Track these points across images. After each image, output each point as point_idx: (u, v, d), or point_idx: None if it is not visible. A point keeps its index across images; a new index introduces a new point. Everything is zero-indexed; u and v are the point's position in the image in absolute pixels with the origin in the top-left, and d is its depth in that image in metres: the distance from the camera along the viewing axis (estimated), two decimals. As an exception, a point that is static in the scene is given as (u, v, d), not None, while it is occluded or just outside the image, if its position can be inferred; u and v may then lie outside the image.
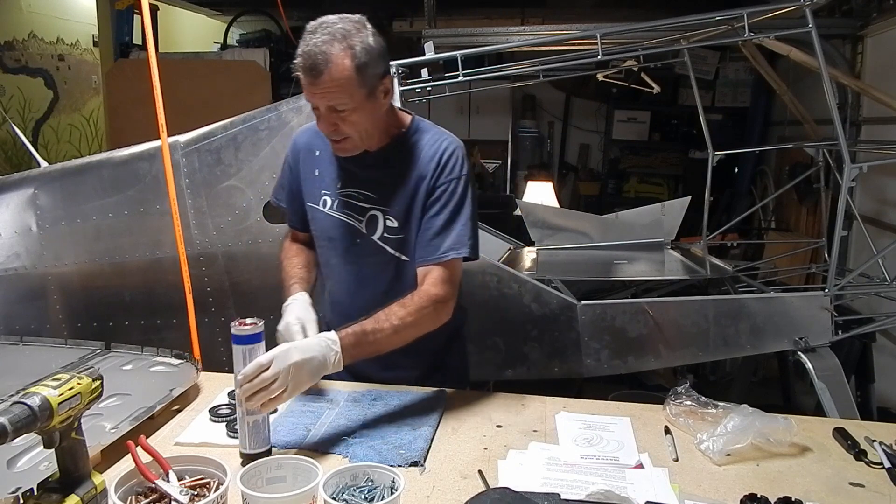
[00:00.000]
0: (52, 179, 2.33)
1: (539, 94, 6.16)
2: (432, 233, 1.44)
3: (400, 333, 1.36)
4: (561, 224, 3.15)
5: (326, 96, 1.31)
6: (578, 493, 1.09)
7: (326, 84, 1.29)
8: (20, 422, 0.85)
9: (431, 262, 1.43)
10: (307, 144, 1.56)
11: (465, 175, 1.47)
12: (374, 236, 1.49)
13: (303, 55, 1.29)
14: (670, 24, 2.56)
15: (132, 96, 3.80)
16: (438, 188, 1.44)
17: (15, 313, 2.28)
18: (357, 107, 1.34)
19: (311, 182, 1.55)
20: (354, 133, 1.38)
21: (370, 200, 1.49)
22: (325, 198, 1.52)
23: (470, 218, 1.46)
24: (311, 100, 1.34)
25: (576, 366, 2.24)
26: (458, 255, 1.44)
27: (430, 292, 1.41)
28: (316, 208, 1.54)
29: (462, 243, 1.44)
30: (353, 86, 1.31)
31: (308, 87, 1.31)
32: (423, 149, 1.47)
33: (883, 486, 1.16)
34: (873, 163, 2.43)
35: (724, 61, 5.57)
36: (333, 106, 1.33)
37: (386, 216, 1.48)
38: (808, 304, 2.22)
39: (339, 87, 1.30)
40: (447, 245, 1.43)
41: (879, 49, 3.53)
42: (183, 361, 1.60)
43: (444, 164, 1.45)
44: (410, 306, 1.38)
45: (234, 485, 0.97)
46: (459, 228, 1.44)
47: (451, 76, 2.53)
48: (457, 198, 1.45)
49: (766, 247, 4.21)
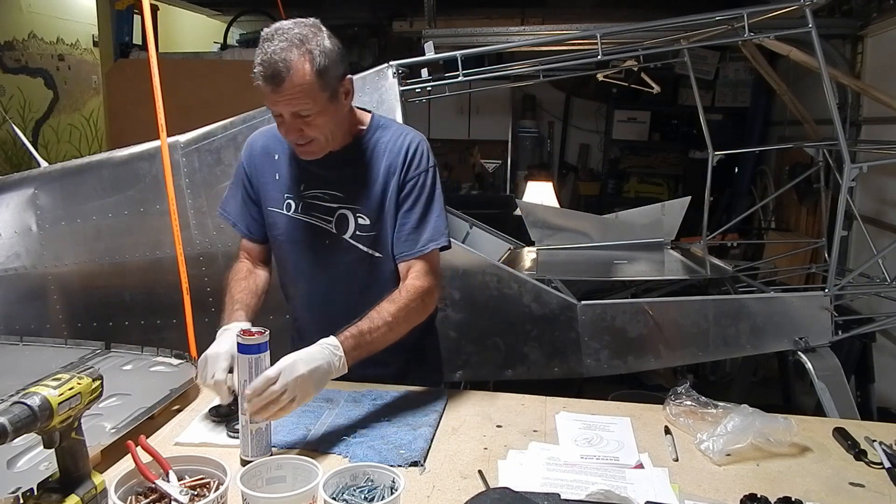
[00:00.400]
0: (52, 179, 2.33)
1: (539, 94, 6.16)
2: (410, 227, 1.48)
3: (394, 330, 1.39)
4: (561, 224, 3.15)
5: (290, 103, 1.31)
6: (578, 493, 1.09)
7: (288, 91, 1.29)
8: (20, 422, 0.85)
9: (413, 257, 1.47)
10: (264, 148, 1.55)
11: (433, 167, 1.51)
12: (345, 235, 1.49)
13: (262, 63, 1.28)
14: (670, 24, 2.56)
15: (132, 96, 3.80)
16: (408, 182, 1.47)
17: (15, 313, 2.28)
18: (321, 110, 1.34)
19: (271, 186, 1.53)
20: (320, 136, 1.38)
21: (337, 200, 1.49)
22: (288, 201, 1.51)
23: (442, 208, 1.51)
24: (274, 108, 1.34)
25: (576, 366, 2.24)
26: (438, 246, 1.48)
27: (415, 285, 1.44)
28: (278, 212, 1.52)
29: (440, 233, 1.49)
30: (315, 90, 1.31)
31: (270, 94, 1.31)
32: (388, 145, 1.49)
33: (883, 486, 1.16)
34: (873, 163, 2.43)
35: (724, 61, 5.57)
36: (297, 112, 1.33)
37: (357, 214, 1.48)
38: (808, 304, 2.22)
39: (301, 92, 1.30)
40: (426, 238, 1.47)
41: (879, 49, 3.53)
42: (183, 361, 1.60)
43: (411, 158, 1.48)
44: (400, 301, 1.41)
45: (234, 485, 0.97)
46: (435, 220, 1.49)
47: (451, 76, 2.53)
48: (427, 190, 1.48)
49: (766, 247, 4.21)
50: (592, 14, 5.27)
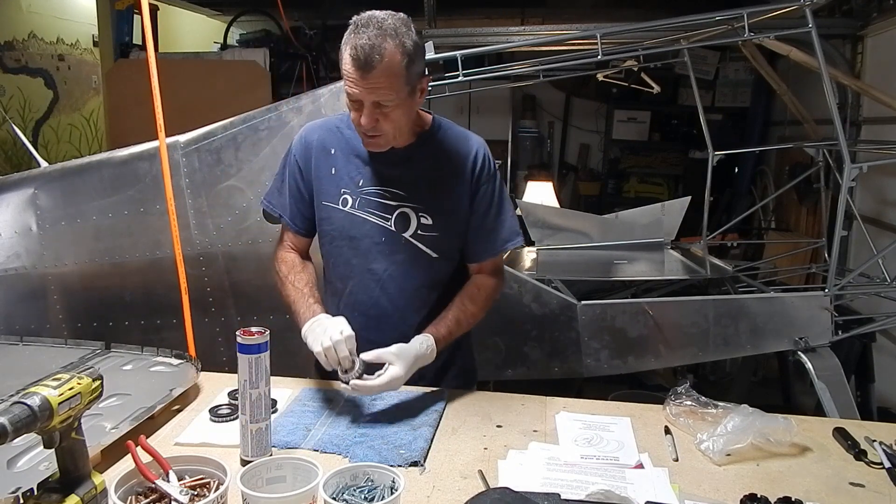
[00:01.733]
0: (52, 179, 2.33)
1: (539, 94, 6.16)
2: (487, 229, 1.53)
3: (469, 328, 1.53)
4: (561, 224, 3.15)
5: (375, 91, 1.32)
6: (578, 493, 1.09)
7: (377, 78, 1.30)
8: (20, 422, 0.84)
9: (489, 258, 1.56)
10: (320, 142, 1.53)
11: (497, 170, 1.57)
12: (405, 234, 1.49)
13: (356, 48, 1.28)
14: (670, 24, 2.56)
15: (132, 96, 3.80)
16: (482, 188, 1.51)
17: (15, 313, 2.27)
18: (399, 103, 1.35)
19: (327, 180, 1.51)
20: (391, 129, 1.39)
21: (399, 198, 1.48)
22: (344, 196, 1.50)
23: (513, 208, 1.60)
24: (357, 94, 1.33)
25: (576, 366, 2.24)
26: (515, 245, 1.57)
27: (489, 284, 1.55)
28: (334, 207, 1.51)
29: (515, 233, 1.57)
30: (400, 82, 1.32)
31: (357, 80, 1.31)
32: (452, 147, 1.51)
33: (883, 486, 1.16)
34: (873, 163, 2.43)
35: (724, 61, 5.57)
36: (379, 101, 1.33)
37: (419, 214, 1.48)
38: (808, 304, 2.23)
39: (388, 82, 1.31)
40: (503, 238, 1.55)
41: (879, 49, 3.53)
42: (183, 361, 1.60)
43: (481, 164, 1.52)
44: (480, 301, 1.52)
45: (234, 485, 0.97)
46: (510, 220, 1.56)
47: (451, 76, 2.53)
48: (498, 193, 1.54)
49: (766, 247, 4.21)
50: (592, 14, 5.27)
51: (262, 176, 2.22)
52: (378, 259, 1.50)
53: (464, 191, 1.50)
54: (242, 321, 2.20)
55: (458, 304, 1.49)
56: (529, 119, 6.26)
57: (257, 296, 2.22)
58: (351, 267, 1.53)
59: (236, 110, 2.30)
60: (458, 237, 1.53)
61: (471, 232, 1.53)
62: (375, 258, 1.50)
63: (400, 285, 1.51)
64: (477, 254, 1.55)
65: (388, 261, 1.50)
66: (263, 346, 1.18)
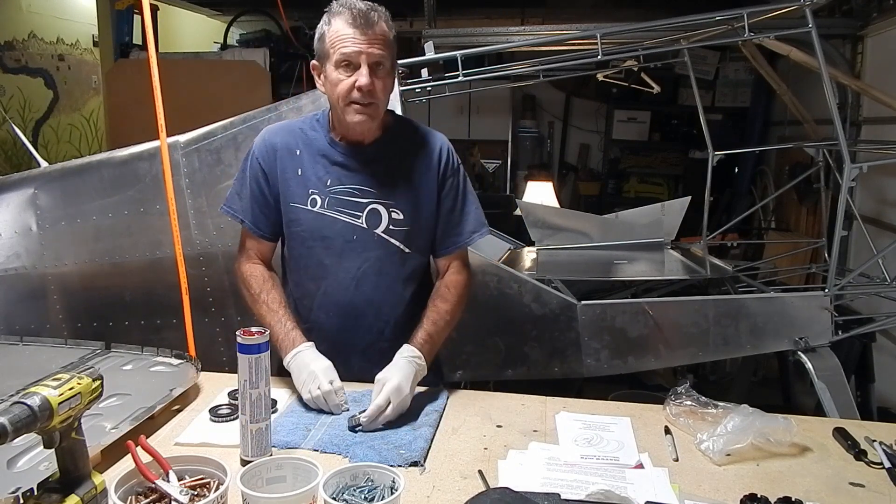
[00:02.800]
0: (52, 179, 2.33)
1: (539, 94, 6.16)
2: (454, 223, 1.57)
3: (450, 326, 1.52)
4: (561, 224, 3.15)
5: (375, 46, 1.37)
6: (578, 493, 1.09)
7: (377, 35, 1.36)
8: (20, 422, 0.84)
9: (457, 250, 1.58)
10: (284, 144, 1.53)
11: (461, 163, 1.61)
12: (377, 230, 1.50)
13: (350, 9, 1.35)
14: (670, 24, 2.56)
15: (132, 96, 3.80)
16: (447, 181, 1.56)
17: (15, 313, 2.27)
18: (389, 72, 1.41)
19: (294, 182, 1.51)
20: (383, 97, 1.43)
21: (369, 195, 1.49)
22: (313, 196, 1.50)
23: (477, 200, 1.61)
24: (356, 53, 1.37)
25: (576, 366, 2.24)
26: (481, 236, 1.58)
27: (459, 280, 1.56)
28: (303, 208, 1.51)
29: (480, 223, 1.59)
30: (391, 50, 1.40)
31: (357, 39, 1.36)
32: (418, 143, 1.54)
33: (883, 486, 1.16)
34: (873, 163, 2.43)
35: (724, 61, 5.57)
36: (377, 62, 1.38)
37: (390, 209, 1.49)
38: (808, 304, 2.22)
39: (384, 42, 1.38)
40: (469, 230, 1.57)
41: (879, 49, 3.53)
42: (183, 361, 1.60)
43: (446, 158, 1.56)
44: (452, 300, 1.53)
45: (234, 485, 0.97)
46: (475, 212, 1.59)
47: (451, 76, 2.53)
48: (462, 185, 1.58)
49: (766, 247, 4.21)
50: (592, 14, 5.27)
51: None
52: (351, 257, 1.51)
53: (432, 185, 1.53)
54: (242, 321, 2.19)
55: (431, 307, 1.52)
56: (529, 119, 6.26)
57: (257, 296, 2.21)
58: (324, 267, 1.53)
59: (236, 110, 2.30)
60: (429, 231, 1.56)
61: (438, 225, 1.56)
62: (348, 256, 1.51)
63: (374, 282, 1.52)
64: (445, 247, 1.58)
65: (360, 258, 1.51)
66: (263, 346, 1.18)
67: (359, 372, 1.52)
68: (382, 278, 1.52)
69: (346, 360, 1.50)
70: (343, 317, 1.52)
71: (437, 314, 1.49)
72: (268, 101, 4.01)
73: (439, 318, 1.49)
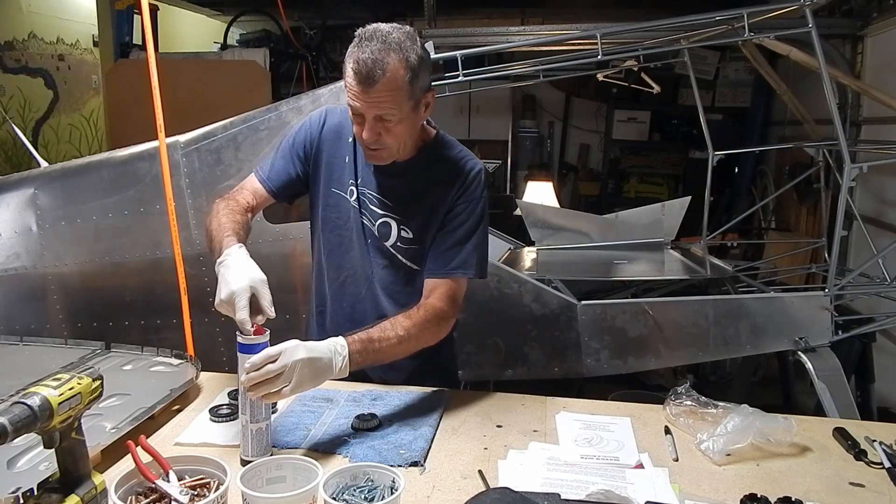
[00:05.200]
0: (52, 179, 2.33)
1: (539, 94, 6.16)
2: (445, 248, 1.47)
3: (403, 344, 1.36)
4: (561, 224, 3.15)
5: (377, 106, 1.29)
6: (578, 493, 1.09)
7: (380, 93, 1.27)
8: (20, 422, 0.84)
9: (439, 276, 1.46)
10: (340, 126, 1.51)
11: (484, 198, 1.50)
12: (386, 242, 1.49)
13: (358, 62, 1.26)
14: (670, 24, 2.56)
15: (132, 96, 3.79)
16: (458, 206, 1.47)
17: (15, 313, 2.27)
18: (403, 118, 1.33)
19: (339, 168, 1.50)
20: (394, 143, 1.37)
21: (384, 207, 1.48)
22: (351, 188, 1.49)
23: (483, 240, 1.50)
24: (360, 108, 1.30)
25: (576, 366, 2.24)
26: (465, 275, 1.47)
27: (435, 306, 1.42)
28: (343, 196, 1.50)
29: (470, 264, 1.47)
30: (403, 97, 1.30)
31: (359, 94, 1.28)
32: (447, 165, 1.48)
33: (883, 486, 1.16)
34: (873, 163, 2.43)
35: (724, 61, 5.57)
36: (381, 115, 1.31)
37: (401, 226, 1.48)
38: (808, 304, 2.22)
39: (391, 97, 1.28)
40: (456, 263, 1.46)
41: (879, 49, 3.53)
42: (183, 361, 1.60)
43: (468, 184, 1.47)
44: (416, 318, 1.39)
45: (234, 485, 0.97)
46: (471, 249, 1.47)
47: (451, 76, 2.53)
48: (473, 219, 1.47)
49: (766, 247, 4.21)
50: (592, 14, 5.27)
51: (262, 176, 2.21)
52: (365, 257, 1.51)
53: (444, 207, 1.47)
54: (242, 321, 2.19)
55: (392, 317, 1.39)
56: (529, 119, 6.26)
57: (257, 296, 2.21)
58: (349, 258, 1.52)
59: (236, 110, 2.30)
60: None
61: (432, 246, 1.48)
62: (363, 255, 1.51)
63: (381, 288, 1.52)
64: (429, 269, 1.48)
65: (373, 263, 1.51)
66: (263, 346, 1.18)
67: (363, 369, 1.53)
68: (386, 288, 1.52)
69: None
70: (346, 316, 1.53)
71: (390, 324, 1.36)
72: (268, 101, 4.01)
73: (391, 328, 1.35)
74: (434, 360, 1.63)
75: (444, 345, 1.65)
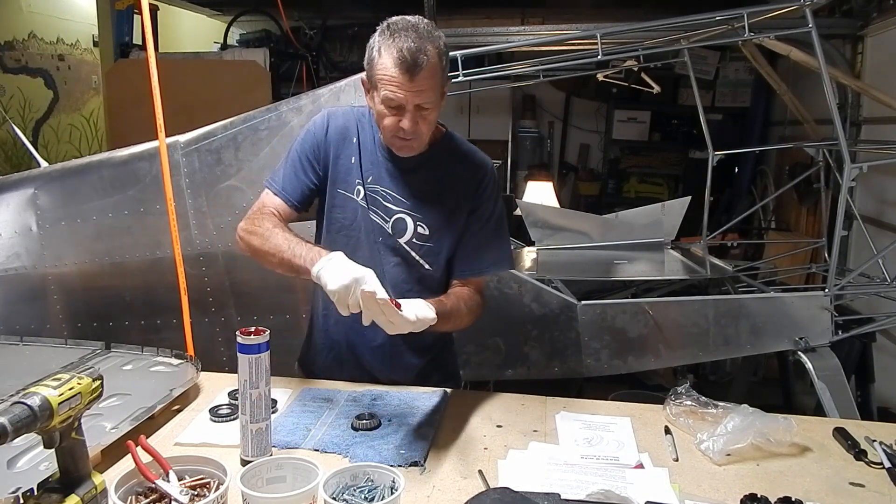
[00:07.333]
0: (52, 179, 2.33)
1: (539, 94, 6.15)
2: (475, 247, 1.50)
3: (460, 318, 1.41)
4: (561, 224, 3.15)
5: (420, 94, 1.31)
6: (578, 493, 1.09)
7: (423, 80, 1.29)
8: (20, 422, 0.84)
9: (474, 276, 1.51)
10: (345, 128, 1.51)
11: (501, 195, 1.55)
12: (401, 239, 1.49)
13: (402, 50, 1.27)
14: (670, 24, 2.56)
15: (132, 96, 3.80)
16: (481, 206, 1.49)
17: (15, 313, 2.28)
18: (435, 105, 1.36)
19: (346, 169, 1.50)
20: (426, 132, 1.39)
21: (399, 203, 1.48)
22: (358, 187, 1.49)
23: (507, 234, 1.56)
24: (402, 98, 1.31)
25: (576, 366, 2.24)
26: (500, 271, 1.54)
27: (476, 298, 1.49)
28: (349, 196, 1.50)
29: (504, 258, 1.54)
30: (439, 84, 1.34)
31: (403, 84, 1.29)
32: (462, 163, 1.50)
33: (883, 486, 1.16)
34: (873, 163, 2.43)
35: (724, 61, 5.56)
36: (421, 104, 1.32)
37: (417, 223, 1.48)
38: (808, 304, 2.23)
39: (431, 84, 1.31)
40: (490, 260, 1.51)
41: (879, 49, 3.53)
42: (183, 361, 1.60)
43: (486, 183, 1.50)
44: (472, 306, 1.46)
45: (234, 485, 0.97)
46: (501, 245, 1.53)
47: (451, 76, 2.53)
48: (496, 215, 1.52)
49: (766, 247, 4.21)
50: (592, 14, 5.27)
51: (261, 176, 2.20)
52: (374, 257, 1.49)
53: (463, 207, 1.49)
54: (242, 321, 2.20)
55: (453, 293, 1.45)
56: (529, 119, 6.25)
57: (257, 296, 2.22)
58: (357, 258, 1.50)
59: (236, 110, 2.30)
60: (451, 251, 1.51)
61: (460, 248, 1.51)
62: (372, 255, 1.49)
63: (393, 287, 1.48)
64: (462, 270, 1.51)
65: (384, 262, 1.50)
66: (263, 346, 1.18)
67: (369, 369, 1.54)
68: (397, 287, 1.49)
69: (358, 355, 1.53)
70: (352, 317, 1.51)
71: (456, 298, 1.41)
72: (268, 101, 4.01)
73: (458, 300, 1.41)
74: (438, 358, 1.63)
75: (447, 343, 1.66)
